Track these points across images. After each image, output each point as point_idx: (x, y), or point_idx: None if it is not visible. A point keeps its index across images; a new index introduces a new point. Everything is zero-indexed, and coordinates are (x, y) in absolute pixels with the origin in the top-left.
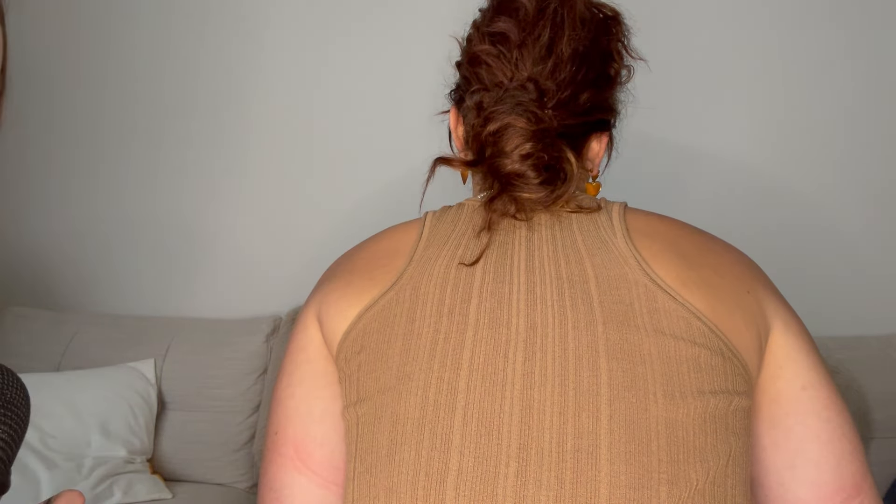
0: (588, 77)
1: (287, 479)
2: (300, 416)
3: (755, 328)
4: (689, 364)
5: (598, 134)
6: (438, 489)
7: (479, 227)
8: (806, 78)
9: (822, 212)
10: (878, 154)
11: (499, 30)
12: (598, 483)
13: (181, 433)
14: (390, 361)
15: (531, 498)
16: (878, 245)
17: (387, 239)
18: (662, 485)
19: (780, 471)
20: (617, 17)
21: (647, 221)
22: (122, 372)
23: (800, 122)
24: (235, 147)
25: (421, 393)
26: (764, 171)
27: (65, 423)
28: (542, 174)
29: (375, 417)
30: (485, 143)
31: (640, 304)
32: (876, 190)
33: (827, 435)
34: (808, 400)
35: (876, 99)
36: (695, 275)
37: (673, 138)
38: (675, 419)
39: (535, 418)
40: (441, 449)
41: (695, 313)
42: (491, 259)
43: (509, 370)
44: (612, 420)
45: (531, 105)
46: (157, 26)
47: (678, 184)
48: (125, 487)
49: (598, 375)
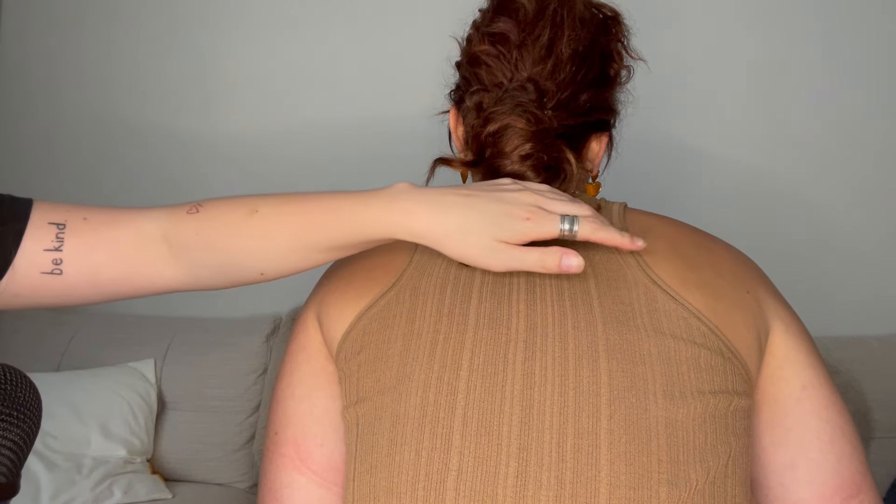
0: (588, 77)
1: (287, 479)
2: (300, 416)
3: (755, 328)
4: (689, 364)
5: (598, 134)
6: (438, 489)
7: None
8: (806, 78)
9: (822, 212)
10: (878, 154)
11: (498, 30)
12: (598, 483)
13: (181, 433)
14: (390, 362)
15: (531, 498)
16: (878, 245)
17: None
18: (662, 485)
19: (780, 471)
20: (616, 17)
21: (646, 221)
22: (122, 372)
23: (800, 122)
24: (235, 147)
25: (421, 393)
26: (764, 171)
27: (65, 423)
28: (542, 175)
29: (375, 418)
30: (484, 143)
31: (639, 305)
32: (876, 190)
33: (827, 435)
34: (808, 400)
35: (876, 98)
36: (694, 275)
37: (673, 138)
38: (675, 419)
39: (534, 418)
40: (441, 449)
41: (695, 313)
42: None
43: (509, 370)
44: (612, 420)
45: (531, 105)
46: (156, 26)
47: (678, 184)
48: (125, 487)
49: (598, 375)
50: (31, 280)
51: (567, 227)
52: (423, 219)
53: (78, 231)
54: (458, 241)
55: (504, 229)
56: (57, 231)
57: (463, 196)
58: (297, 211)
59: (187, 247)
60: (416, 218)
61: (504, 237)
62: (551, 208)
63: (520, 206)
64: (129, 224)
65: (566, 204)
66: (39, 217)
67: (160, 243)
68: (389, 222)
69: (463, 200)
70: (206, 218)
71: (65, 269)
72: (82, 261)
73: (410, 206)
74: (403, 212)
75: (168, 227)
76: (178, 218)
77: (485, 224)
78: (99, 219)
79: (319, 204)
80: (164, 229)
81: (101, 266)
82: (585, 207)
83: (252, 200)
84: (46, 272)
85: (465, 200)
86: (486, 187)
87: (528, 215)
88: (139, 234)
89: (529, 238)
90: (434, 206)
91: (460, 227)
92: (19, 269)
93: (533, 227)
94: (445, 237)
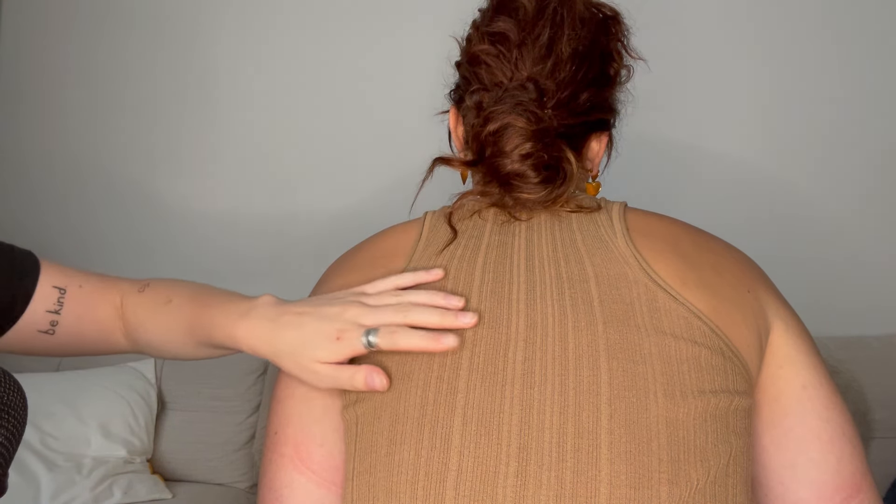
0: (588, 77)
1: (287, 479)
2: (300, 415)
3: (755, 328)
4: (690, 363)
5: (598, 134)
6: (438, 489)
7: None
8: (806, 77)
9: (822, 211)
10: (878, 154)
11: (498, 30)
12: (599, 483)
13: (181, 433)
14: (390, 361)
15: (531, 498)
16: (878, 245)
17: (386, 239)
18: (663, 484)
19: (781, 470)
20: (616, 16)
21: (647, 221)
22: (122, 372)
23: (800, 122)
24: (235, 146)
25: (420, 392)
26: (764, 171)
27: (65, 423)
28: (542, 174)
29: (375, 417)
30: (484, 142)
31: (640, 304)
32: (876, 189)
33: (827, 435)
34: (809, 400)
35: (877, 98)
36: (695, 274)
37: (673, 138)
38: (675, 419)
39: (535, 418)
40: (441, 448)
41: (695, 313)
42: (491, 258)
43: (509, 369)
44: (612, 419)
45: (531, 105)
46: (156, 25)
47: (678, 184)
48: (125, 487)
49: (599, 375)
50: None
51: (366, 342)
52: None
53: (74, 298)
54: (289, 362)
55: (321, 350)
56: (59, 295)
57: (297, 315)
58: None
59: (129, 325)
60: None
61: (322, 358)
62: (363, 321)
63: (336, 324)
64: (110, 299)
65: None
66: (46, 279)
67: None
68: (235, 338)
69: (296, 320)
70: (142, 300)
71: (58, 331)
72: (73, 325)
73: (253, 325)
74: (246, 330)
75: (123, 305)
76: (130, 296)
77: (303, 346)
78: (91, 289)
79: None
80: (121, 306)
81: (86, 332)
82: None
83: (173, 289)
84: (42, 331)
85: (297, 320)
86: (325, 301)
87: (338, 334)
88: (112, 306)
89: (342, 357)
90: (270, 326)
91: (284, 348)
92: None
93: (341, 347)
94: (278, 359)
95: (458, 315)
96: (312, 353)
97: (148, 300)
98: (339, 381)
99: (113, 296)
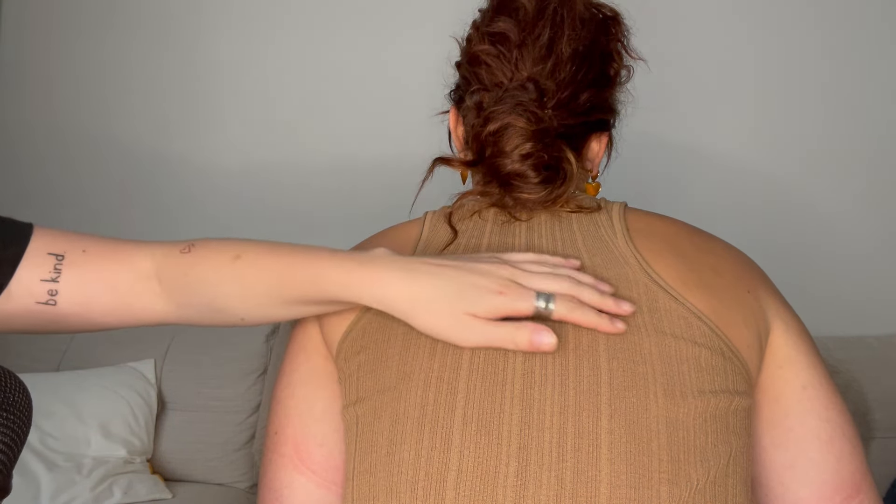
0: (588, 77)
1: (287, 479)
2: (300, 415)
3: (755, 328)
4: (690, 364)
5: (598, 134)
6: (438, 489)
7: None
8: (806, 77)
9: (822, 211)
10: (878, 154)
11: (498, 30)
12: (599, 482)
13: (181, 433)
14: (390, 361)
15: (531, 497)
16: (878, 245)
17: (386, 239)
18: (663, 484)
19: (781, 470)
20: (616, 17)
21: (647, 221)
22: (122, 372)
23: (799, 122)
24: (234, 147)
25: (421, 392)
26: (764, 171)
27: (65, 423)
28: (542, 174)
29: (375, 417)
30: (484, 142)
31: (640, 304)
32: (876, 189)
33: (827, 434)
34: (808, 400)
35: (877, 98)
36: (695, 275)
37: (673, 138)
38: (675, 419)
39: (535, 417)
40: (441, 448)
41: (695, 313)
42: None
43: (509, 369)
44: (612, 419)
45: (531, 105)
46: (154, 25)
47: (678, 184)
48: (125, 487)
49: (599, 375)
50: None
51: (542, 305)
52: (391, 287)
53: (76, 263)
54: (425, 310)
55: (474, 302)
56: (55, 262)
57: (435, 266)
58: (276, 262)
59: (176, 286)
60: (383, 285)
61: (473, 310)
62: (528, 283)
63: (493, 280)
64: (126, 260)
65: (544, 279)
66: (39, 246)
67: (152, 280)
68: (358, 287)
69: (434, 270)
70: (195, 259)
71: (59, 300)
72: (77, 293)
73: (381, 273)
74: (372, 279)
75: (161, 266)
76: (171, 257)
77: (454, 295)
78: (98, 251)
79: (297, 258)
80: (157, 267)
81: (95, 299)
82: (565, 282)
83: (238, 245)
84: (41, 302)
85: (437, 270)
86: (462, 258)
87: (501, 289)
88: (134, 269)
89: (501, 313)
90: (404, 273)
91: (427, 296)
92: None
93: (506, 302)
94: (412, 306)
95: (617, 302)
96: (465, 304)
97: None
98: (494, 336)
99: (136, 258)
